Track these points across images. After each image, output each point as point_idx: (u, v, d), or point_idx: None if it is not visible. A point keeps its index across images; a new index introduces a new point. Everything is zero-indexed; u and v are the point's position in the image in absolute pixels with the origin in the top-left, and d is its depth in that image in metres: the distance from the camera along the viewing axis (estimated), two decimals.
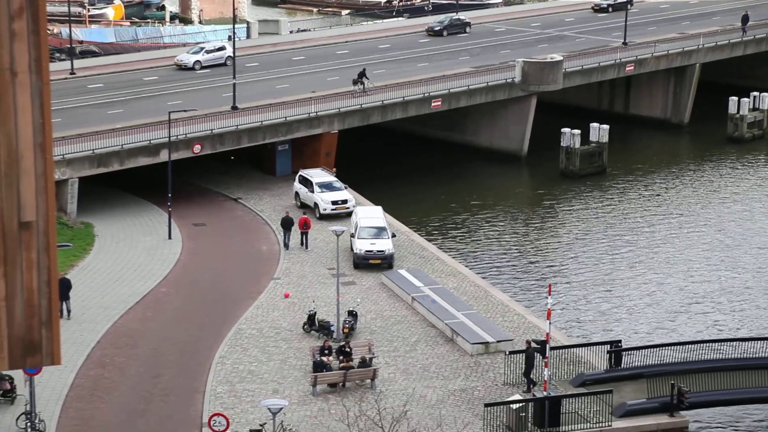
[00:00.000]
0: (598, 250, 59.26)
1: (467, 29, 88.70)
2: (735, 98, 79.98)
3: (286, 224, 53.64)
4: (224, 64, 74.90)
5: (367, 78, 68.42)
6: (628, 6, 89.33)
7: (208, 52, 76.60)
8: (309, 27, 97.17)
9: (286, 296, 47.68)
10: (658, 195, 68.95)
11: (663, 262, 57.56)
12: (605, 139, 72.34)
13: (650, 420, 38.52)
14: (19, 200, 8.14)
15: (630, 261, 57.70)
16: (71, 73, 73.53)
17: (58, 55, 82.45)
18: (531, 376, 39.83)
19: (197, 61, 75.76)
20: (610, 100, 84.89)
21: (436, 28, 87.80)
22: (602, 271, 56.24)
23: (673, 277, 55.63)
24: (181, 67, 75.75)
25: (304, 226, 53.62)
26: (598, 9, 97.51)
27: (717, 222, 64.09)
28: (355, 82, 68.25)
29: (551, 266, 57.21)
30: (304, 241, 53.77)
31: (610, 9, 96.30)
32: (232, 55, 71.86)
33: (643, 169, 74.19)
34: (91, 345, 42.89)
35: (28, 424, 35.31)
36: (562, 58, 74.53)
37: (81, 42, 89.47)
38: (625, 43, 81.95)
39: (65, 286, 44.47)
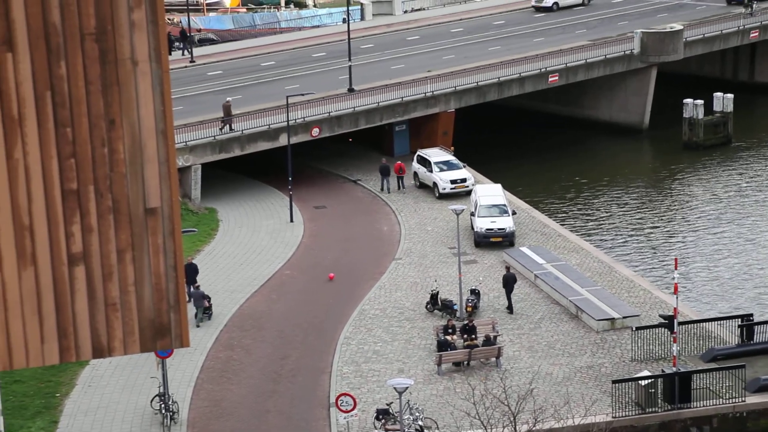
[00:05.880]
0: (725, 223, 57.84)
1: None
2: None
3: (384, 171, 59.28)
4: (582, 4, 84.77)
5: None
6: None
7: None
8: (423, 6, 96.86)
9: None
10: None
11: None
12: (730, 108, 70.45)
13: None
14: (144, 187, 8.25)
15: (758, 233, 56.17)
16: (191, 61, 74.82)
17: (177, 44, 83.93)
18: (512, 302, 43.71)
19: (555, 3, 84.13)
20: (734, 68, 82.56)
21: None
22: (730, 244, 54.88)
23: None
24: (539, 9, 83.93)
25: (400, 171, 59.19)
26: None
27: None
28: (745, 5, 76.68)
29: (676, 240, 56.08)
30: (400, 185, 59.27)
31: None
32: None
33: None
34: (219, 328, 43.69)
35: (162, 405, 36.18)
36: (682, 27, 72.81)
37: (199, 30, 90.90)
38: (749, 9, 79.54)
39: (192, 271, 45.33)
